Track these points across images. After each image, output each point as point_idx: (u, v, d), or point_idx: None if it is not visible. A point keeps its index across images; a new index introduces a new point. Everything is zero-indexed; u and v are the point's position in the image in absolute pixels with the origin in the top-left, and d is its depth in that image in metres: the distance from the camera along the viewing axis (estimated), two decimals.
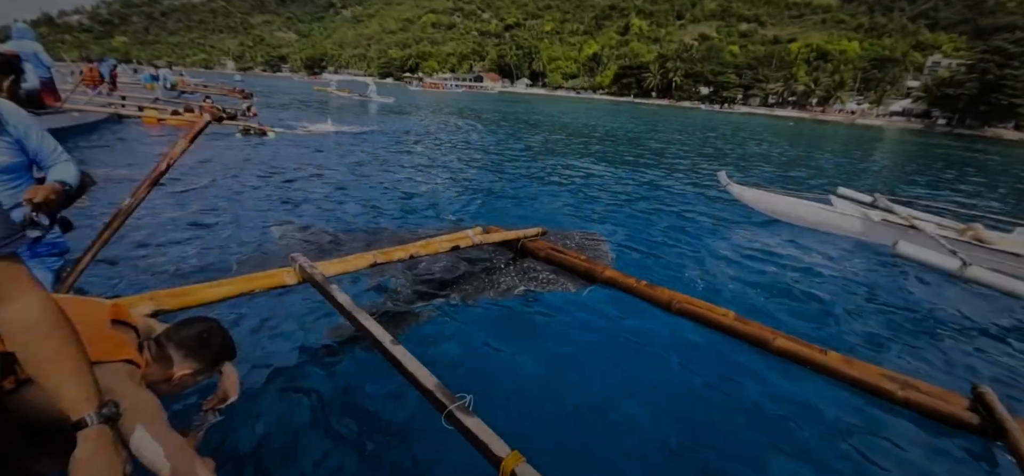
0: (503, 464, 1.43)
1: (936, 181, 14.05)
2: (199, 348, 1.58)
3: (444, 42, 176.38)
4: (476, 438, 1.53)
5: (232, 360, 1.73)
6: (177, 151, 2.43)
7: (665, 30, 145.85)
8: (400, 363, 1.88)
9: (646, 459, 2.18)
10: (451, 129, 17.75)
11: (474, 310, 3.36)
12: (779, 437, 2.38)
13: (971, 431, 2.40)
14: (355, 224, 5.25)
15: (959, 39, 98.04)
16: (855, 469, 2.22)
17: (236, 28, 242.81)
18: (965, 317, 4.08)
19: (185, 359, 1.56)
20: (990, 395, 2.45)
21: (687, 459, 2.20)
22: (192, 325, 1.62)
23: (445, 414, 1.65)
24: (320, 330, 2.90)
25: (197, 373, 1.60)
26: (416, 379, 1.80)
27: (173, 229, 4.54)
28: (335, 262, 2.81)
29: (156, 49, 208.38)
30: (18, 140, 2.07)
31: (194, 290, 2.23)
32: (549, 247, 4.20)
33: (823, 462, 2.24)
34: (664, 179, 10.12)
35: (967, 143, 41.24)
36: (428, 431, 2.14)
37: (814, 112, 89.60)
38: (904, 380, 2.65)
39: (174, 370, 1.55)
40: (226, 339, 1.67)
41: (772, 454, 2.27)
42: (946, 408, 2.49)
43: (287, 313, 3.04)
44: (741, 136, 26.47)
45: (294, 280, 2.53)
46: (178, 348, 1.55)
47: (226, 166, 7.67)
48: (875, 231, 5.88)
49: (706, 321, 3.22)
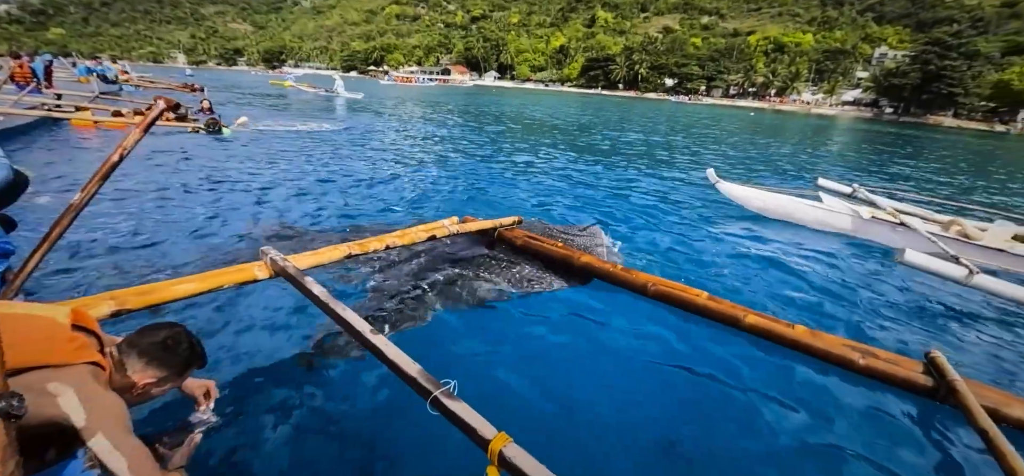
0: (491, 445, 1.43)
1: (884, 165, 14.91)
2: (164, 355, 1.50)
3: (409, 34, 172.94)
4: (463, 421, 1.53)
5: (202, 367, 1.65)
6: (131, 141, 2.28)
7: (630, 22, 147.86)
8: (381, 352, 1.84)
9: (624, 434, 2.23)
10: (425, 125, 17.48)
11: (452, 300, 3.33)
12: (750, 410, 2.48)
13: (925, 393, 2.57)
14: (328, 220, 5.10)
15: (903, 31, 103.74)
16: (821, 434, 2.34)
17: (186, 19, 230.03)
18: (920, 294, 4.36)
19: (147, 366, 1.48)
20: (941, 359, 2.62)
21: (664, 432, 2.27)
22: (157, 331, 1.54)
23: (430, 400, 1.63)
24: (293, 325, 2.81)
25: (162, 381, 1.52)
26: (399, 367, 1.77)
27: (126, 227, 4.29)
28: (308, 255, 2.72)
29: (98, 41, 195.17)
30: None
31: (158, 288, 2.11)
32: (525, 235, 4.21)
33: (791, 430, 2.35)
34: (645, 173, 10.29)
35: (911, 130, 43.86)
36: (411, 419, 2.11)
37: (773, 102, 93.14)
38: (864, 349, 2.80)
39: (137, 378, 1.47)
40: (194, 345, 1.59)
41: (744, 425, 2.37)
42: (903, 373, 2.65)
43: (258, 309, 2.93)
44: (720, 127, 27.25)
45: (265, 274, 2.44)
46: (140, 356, 1.48)
47: (182, 163, 7.29)
48: (866, 229, 5.86)
49: (681, 302, 3.30)
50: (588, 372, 2.69)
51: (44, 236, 2.05)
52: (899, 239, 5.44)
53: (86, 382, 1.32)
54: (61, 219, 2.06)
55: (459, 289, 3.48)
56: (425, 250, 4.03)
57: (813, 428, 2.38)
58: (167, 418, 1.86)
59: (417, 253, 3.98)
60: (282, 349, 2.59)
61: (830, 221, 6.09)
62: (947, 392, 2.47)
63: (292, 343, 2.66)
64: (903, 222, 5.53)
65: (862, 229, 5.90)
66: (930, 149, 23.16)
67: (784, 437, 2.31)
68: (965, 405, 2.31)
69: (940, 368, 2.57)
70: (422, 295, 3.32)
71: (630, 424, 2.31)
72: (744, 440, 2.27)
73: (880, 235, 5.74)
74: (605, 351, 2.90)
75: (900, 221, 5.58)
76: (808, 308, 3.83)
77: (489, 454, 1.43)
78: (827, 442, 2.30)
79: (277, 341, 2.66)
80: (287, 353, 2.56)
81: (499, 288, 3.56)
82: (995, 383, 2.78)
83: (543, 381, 2.56)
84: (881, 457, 2.22)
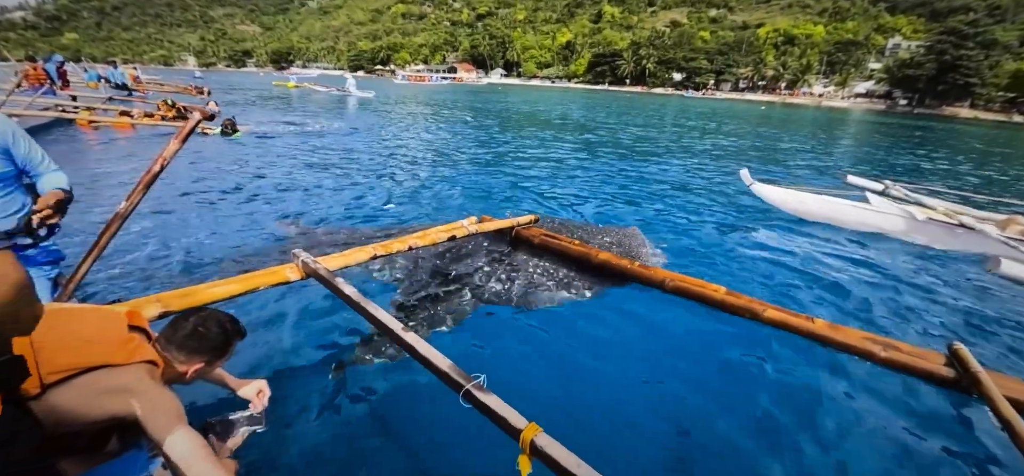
0: (523, 435, 1.49)
1: (917, 161, 14.71)
2: (198, 343, 1.57)
3: (415, 33, 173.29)
4: (495, 413, 1.58)
5: (242, 338, 1.71)
6: (170, 151, 2.37)
7: (637, 17, 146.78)
8: (413, 348, 1.91)
9: (647, 426, 2.29)
10: (437, 124, 17.57)
11: (474, 298, 3.41)
12: (773, 402, 2.51)
13: (948, 385, 2.59)
14: (348, 221, 5.21)
15: (917, 21, 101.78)
16: (844, 426, 2.37)
17: (195, 22, 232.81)
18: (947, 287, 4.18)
19: (189, 356, 1.55)
20: (964, 351, 2.63)
21: (685, 424, 2.32)
22: (185, 322, 1.58)
23: (462, 393, 1.69)
24: (324, 324, 2.90)
25: (209, 364, 1.60)
26: (431, 362, 1.84)
27: (156, 230, 4.43)
28: (336, 257, 2.80)
29: (110, 46, 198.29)
30: (5, 149, 2.01)
31: (199, 290, 2.20)
32: (543, 234, 4.26)
33: (814, 421, 2.39)
34: (669, 170, 10.15)
35: (927, 122, 43.08)
36: (444, 412, 2.19)
37: (783, 96, 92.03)
38: (885, 342, 2.81)
39: (183, 369, 1.55)
40: (224, 325, 1.64)
41: (767, 417, 2.41)
42: (925, 365, 2.66)
43: (291, 309, 3.03)
44: (728, 120, 27.05)
45: (297, 276, 2.52)
46: (179, 349, 1.55)
47: (202, 167, 7.45)
48: (921, 231, 5.35)
49: (699, 297, 3.33)
50: (609, 366, 2.74)
51: (93, 243, 2.15)
52: (962, 243, 5.04)
53: (145, 380, 1.40)
54: (108, 226, 2.16)
55: (480, 288, 3.56)
56: (446, 250, 4.11)
57: (836, 419, 2.41)
58: (224, 410, 1.95)
59: (438, 253, 4.06)
60: (314, 347, 2.69)
61: (880, 223, 5.59)
62: (970, 383, 2.49)
63: (324, 340, 2.75)
64: (961, 223, 5.07)
65: (917, 231, 5.38)
66: (952, 142, 22.72)
67: (807, 428, 2.34)
68: (988, 396, 2.33)
69: (963, 360, 2.58)
70: (445, 294, 3.40)
71: (652, 416, 2.36)
72: (767, 432, 2.31)
73: (938, 238, 5.25)
74: (625, 346, 2.96)
75: (958, 222, 5.11)
76: (869, 322, 3.54)
77: (521, 443, 1.48)
78: (852, 433, 2.33)
79: (309, 339, 2.75)
80: (319, 351, 2.65)
81: (519, 286, 3.63)
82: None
83: (566, 376, 2.62)
84: (906, 445, 2.25)
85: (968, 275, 4.47)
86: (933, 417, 2.49)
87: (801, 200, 5.94)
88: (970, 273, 4.51)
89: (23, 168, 2.08)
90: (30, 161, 2.07)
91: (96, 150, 8.61)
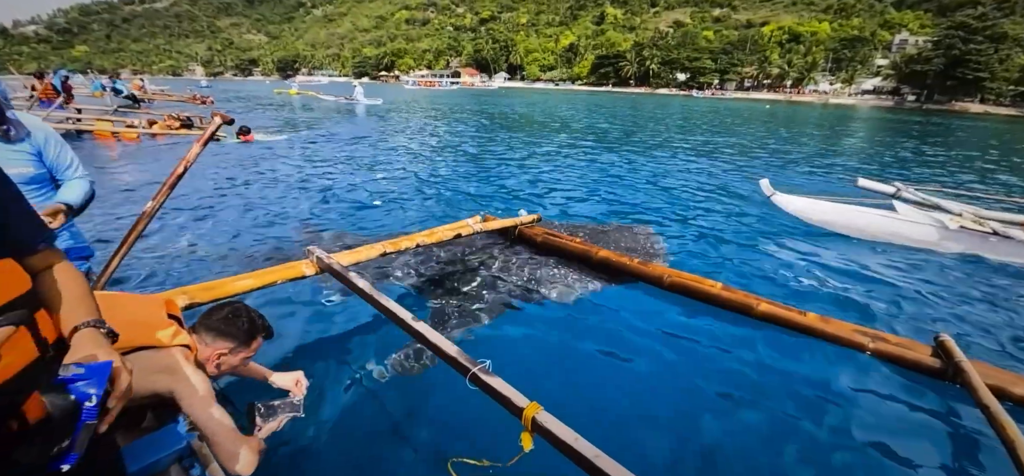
0: (525, 412, 1.63)
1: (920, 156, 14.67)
2: (227, 328, 1.73)
3: (419, 38, 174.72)
4: (499, 393, 1.73)
5: (269, 337, 1.87)
6: (193, 155, 2.54)
7: (640, 18, 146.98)
8: (423, 336, 2.06)
9: (640, 411, 2.43)
10: (444, 129, 17.77)
11: (479, 292, 3.56)
12: (763, 391, 2.62)
13: (934, 375, 2.69)
14: (360, 220, 5.41)
15: (924, 16, 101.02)
16: (833, 415, 2.48)
17: (203, 32, 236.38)
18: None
19: (216, 339, 1.71)
20: (949, 342, 2.73)
21: (677, 411, 2.45)
22: (220, 310, 1.78)
23: (469, 376, 1.84)
24: (338, 316, 3.07)
25: (233, 351, 1.76)
26: (439, 348, 1.98)
27: (176, 228, 4.67)
28: (348, 253, 2.96)
29: (120, 57, 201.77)
30: (38, 152, 2.15)
31: (220, 284, 2.36)
32: (545, 232, 4.40)
33: (803, 411, 2.49)
34: (676, 169, 10.17)
35: (937, 118, 42.69)
36: (452, 394, 2.34)
37: (789, 94, 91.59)
38: (874, 334, 2.92)
39: (210, 352, 1.71)
40: (253, 318, 1.80)
41: (757, 405, 2.52)
42: (912, 355, 2.77)
43: (306, 304, 3.21)
44: (736, 121, 27.05)
45: (312, 271, 2.68)
46: (209, 331, 1.72)
47: (214, 170, 7.68)
48: (955, 240, 5.12)
49: (696, 293, 3.46)
50: (607, 355, 2.87)
51: (122, 239, 2.32)
52: (1005, 252, 4.84)
53: (181, 362, 1.55)
54: (136, 224, 2.33)
55: (485, 283, 3.70)
56: (452, 247, 4.27)
57: (825, 408, 2.51)
58: (267, 398, 2.11)
59: (445, 250, 4.22)
60: (329, 337, 2.84)
61: (910, 234, 5.30)
62: (954, 372, 2.58)
63: (338, 331, 2.91)
64: (995, 231, 4.87)
65: (950, 241, 5.13)
66: (966, 138, 22.56)
67: (798, 416, 2.45)
68: (970, 384, 2.42)
69: (948, 350, 2.68)
70: (452, 288, 3.56)
71: (647, 401, 2.50)
72: (758, 420, 2.42)
73: (974, 247, 5.01)
74: (622, 337, 3.08)
75: (992, 230, 4.89)
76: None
77: (523, 421, 1.63)
78: (841, 422, 2.43)
79: (324, 330, 2.91)
80: (334, 340, 2.81)
81: (521, 281, 3.77)
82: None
83: (565, 363, 2.77)
84: (891, 433, 2.35)
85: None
86: (919, 404, 2.59)
87: (823, 210, 5.64)
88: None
89: (51, 171, 2.18)
90: (57, 165, 2.18)
91: (109, 160, 8.91)
